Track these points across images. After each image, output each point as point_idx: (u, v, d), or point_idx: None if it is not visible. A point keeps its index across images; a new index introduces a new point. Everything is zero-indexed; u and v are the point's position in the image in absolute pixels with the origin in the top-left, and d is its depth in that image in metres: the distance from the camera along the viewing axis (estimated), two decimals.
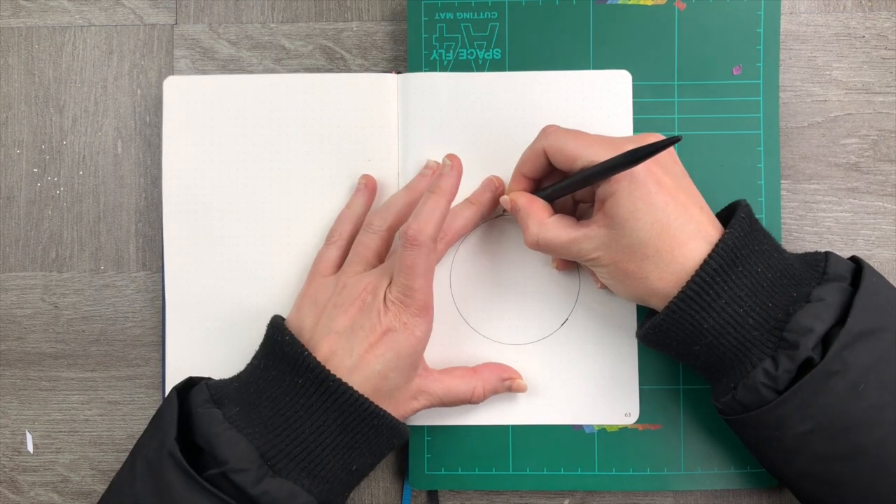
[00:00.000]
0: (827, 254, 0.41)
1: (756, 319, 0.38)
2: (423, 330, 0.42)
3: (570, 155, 0.41)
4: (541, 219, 0.42)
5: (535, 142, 0.43)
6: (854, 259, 0.42)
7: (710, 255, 0.38)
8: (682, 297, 0.39)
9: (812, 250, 0.43)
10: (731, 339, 0.39)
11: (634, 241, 0.39)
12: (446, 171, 0.43)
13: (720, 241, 0.39)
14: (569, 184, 0.42)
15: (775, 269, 0.39)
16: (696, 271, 0.38)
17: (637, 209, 0.39)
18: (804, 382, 0.37)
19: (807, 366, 0.38)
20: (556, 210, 0.44)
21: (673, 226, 0.39)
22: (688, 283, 0.39)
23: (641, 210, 0.39)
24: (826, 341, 0.38)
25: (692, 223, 0.39)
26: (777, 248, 0.41)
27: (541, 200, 0.43)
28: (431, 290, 0.42)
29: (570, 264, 0.47)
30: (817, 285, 0.39)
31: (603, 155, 0.39)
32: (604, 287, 0.46)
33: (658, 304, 0.41)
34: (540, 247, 0.43)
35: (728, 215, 0.41)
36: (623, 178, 0.39)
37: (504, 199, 0.45)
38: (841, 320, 0.38)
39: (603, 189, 0.40)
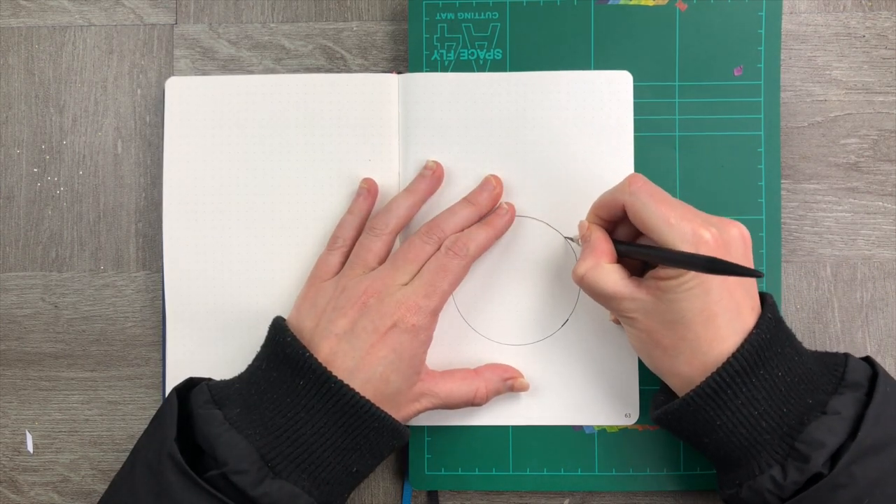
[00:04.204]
0: (846, 358, 0.40)
1: (769, 423, 0.38)
2: (427, 335, 0.42)
3: (651, 227, 0.39)
4: (599, 260, 0.41)
5: (617, 191, 0.41)
6: (869, 362, 0.41)
7: (732, 356, 0.38)
8: (698, 392, 0.39)
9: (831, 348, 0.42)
10: (742, 439, 0.39)
11: (679, 320, 0.39)
12: (502, 212, 0.46)
13: (745, 342, 0.38)
14: (641, 255, 0.41)
15: (794, 373, 0.39)
16: (717, 370, 0.38)
17: (693, 294, 0.38)
18: (809, 494, 0.37)
19: (815, 477, 0.37)
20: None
21: (720, 319, 0.39)
22: (706, 380, 0.38)
23: (697, 296, 0.38)
24: (836, 453, 0.37)
25: (739, 321, 0.39)
26: (798, 349, 0.40)
27: (611, 244, 0.42)
28: (444, 304, 0.43)
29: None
30: (834, 393, 0.39)
31: (683, 244, 0.38)
32: (616, 321, 0.45)
33: (676, 384, 0.40)
34: (583, 284, 0.42)
35: None
36: None
37: (582, 223, 0.44)
38: (853, 433, 0.38)
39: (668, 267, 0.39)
